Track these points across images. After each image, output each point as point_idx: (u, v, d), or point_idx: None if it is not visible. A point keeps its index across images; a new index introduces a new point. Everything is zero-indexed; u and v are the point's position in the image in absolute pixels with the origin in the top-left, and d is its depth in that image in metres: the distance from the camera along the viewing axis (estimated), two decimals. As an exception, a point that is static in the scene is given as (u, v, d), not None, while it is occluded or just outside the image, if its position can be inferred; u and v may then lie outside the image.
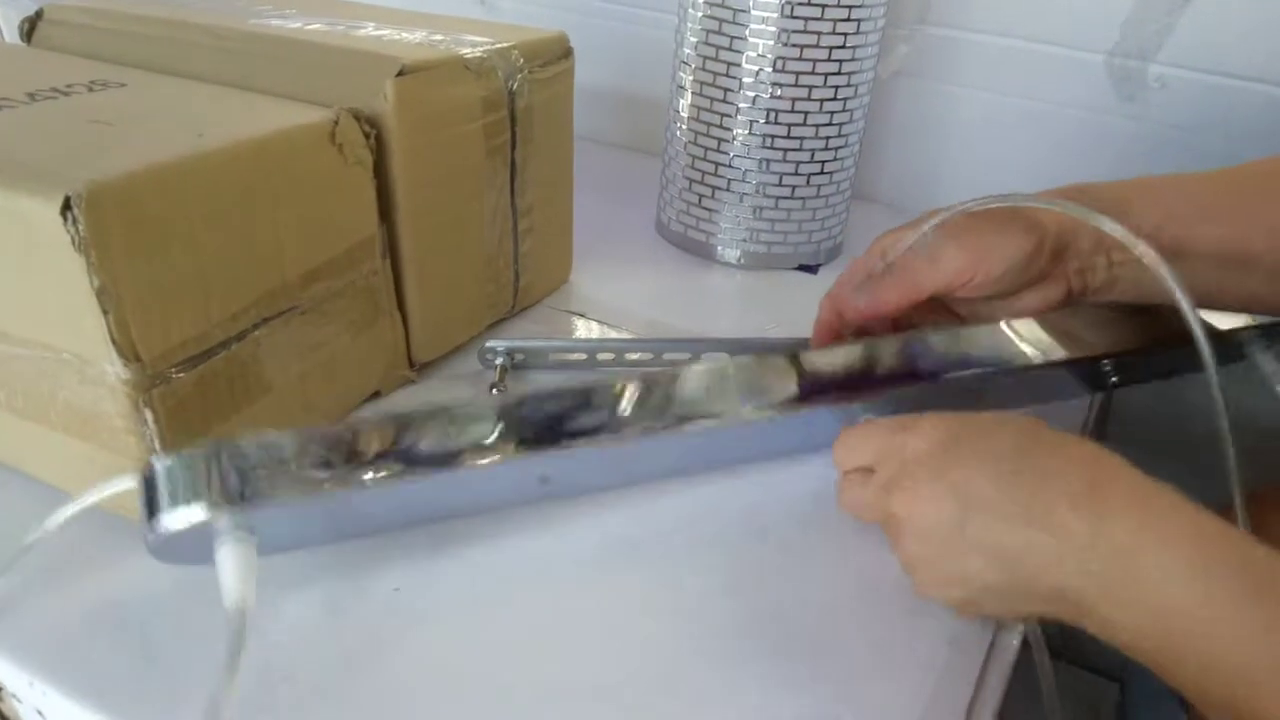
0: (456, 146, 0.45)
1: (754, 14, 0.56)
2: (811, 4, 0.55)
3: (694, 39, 0.60)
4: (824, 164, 0.61)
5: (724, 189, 0.62)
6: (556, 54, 0.50)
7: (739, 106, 0.59)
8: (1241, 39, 0.61)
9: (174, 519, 0.30)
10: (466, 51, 0.45)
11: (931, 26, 0.70)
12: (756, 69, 0.57)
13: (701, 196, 0.64)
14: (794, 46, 0.56)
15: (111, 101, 0.38)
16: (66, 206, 0.29)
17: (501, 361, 0.48)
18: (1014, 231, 0.40)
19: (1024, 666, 0.36)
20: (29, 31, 0.47)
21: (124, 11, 0.47)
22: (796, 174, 0.61)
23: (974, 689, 0.34)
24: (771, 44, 0.56)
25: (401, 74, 0.40)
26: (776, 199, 0.62)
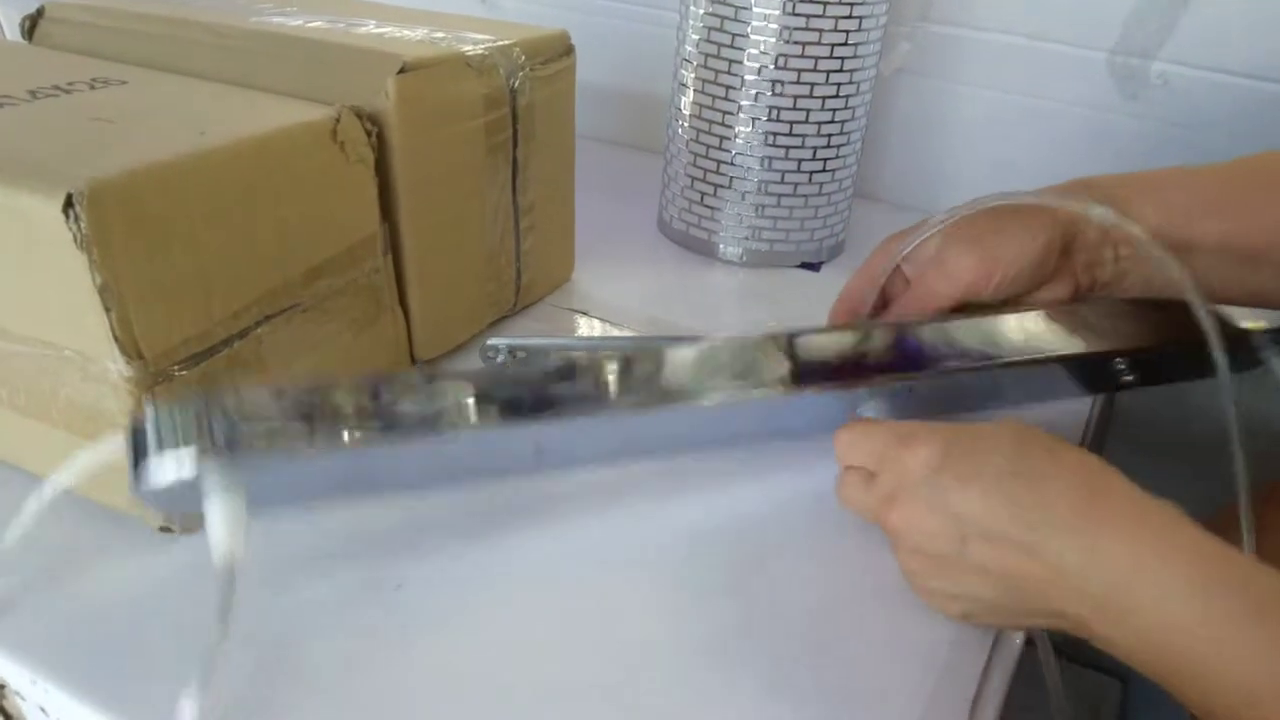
0: (458, 144, 0.45)
1: (756, 11, 0.56)
2: (813, 1, 0.55)
3: (696, 36, 0.60)
4: (826, 161, 0.61)
5: (726, 186, 0.62)
6: (558, 51, 0.50)
7: (741, 104, 0.59)
8: (1244, 36, 0.61)
9: (161, 468, 0.29)
10: (468, 49, 0.45)
11: (934, 24, 0.70)
12: (758, 66, 0.57)
13: (704, 194, 0.64)
14: (796, 43, 0.56)
15: (113, 99, 0.38)
16: (68, 204, 0.29)
17: (503, 359, 0.48)
18: (1023, 231, 0.39)
19: (1025, 664, 0.36)
20: (30, 29, 0.47)
21: (125, 9, 0.47)
22: (799, 171, 0.61)
23: (977, 688, 0.33)
24: (773, 41, 0.56)
25: (403, 71, 0.40)
26: (779, 196, 0.62)
